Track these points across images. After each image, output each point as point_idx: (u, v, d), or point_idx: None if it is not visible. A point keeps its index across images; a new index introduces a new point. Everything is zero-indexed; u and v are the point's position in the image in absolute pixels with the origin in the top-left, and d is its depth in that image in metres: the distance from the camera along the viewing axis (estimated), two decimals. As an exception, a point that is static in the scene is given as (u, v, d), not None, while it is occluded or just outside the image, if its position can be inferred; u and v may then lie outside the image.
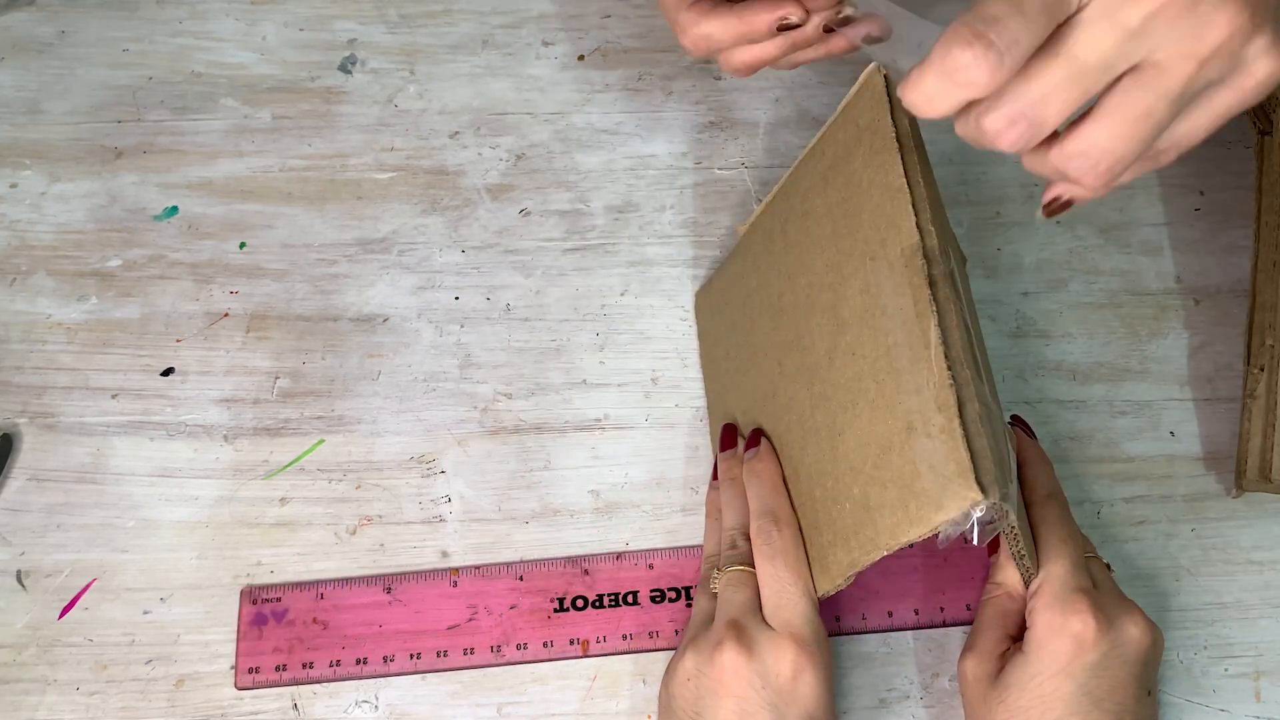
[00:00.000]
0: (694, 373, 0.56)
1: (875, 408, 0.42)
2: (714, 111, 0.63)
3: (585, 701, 0.50)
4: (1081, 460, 0.55)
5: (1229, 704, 0.50)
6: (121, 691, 0.50)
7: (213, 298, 0.58)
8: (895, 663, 0.51)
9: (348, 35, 0.64)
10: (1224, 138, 0.62)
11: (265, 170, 0.61)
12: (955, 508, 0.38)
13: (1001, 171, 0.61)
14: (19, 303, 0.57)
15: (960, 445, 0.38)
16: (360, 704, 0.50)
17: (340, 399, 0.55)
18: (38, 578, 0.52)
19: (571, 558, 0.52)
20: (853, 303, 0.44)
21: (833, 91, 0.63)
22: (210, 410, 0.55)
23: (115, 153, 0.61)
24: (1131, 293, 0.59)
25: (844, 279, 0.45)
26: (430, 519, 0.53)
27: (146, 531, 0.53)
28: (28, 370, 0.56)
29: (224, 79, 0.63)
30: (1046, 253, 0.59)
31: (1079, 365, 0.57)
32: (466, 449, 0.55)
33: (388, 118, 0.62)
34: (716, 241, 0.59)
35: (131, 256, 0.58)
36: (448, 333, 0.57)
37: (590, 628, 0.51)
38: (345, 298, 0.58)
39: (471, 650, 0.50)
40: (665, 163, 0.61)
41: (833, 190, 0.47)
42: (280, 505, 0.53)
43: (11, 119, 0.61)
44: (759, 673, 0.43)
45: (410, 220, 0.60)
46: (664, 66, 0.64)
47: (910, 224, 0.42)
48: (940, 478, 0.38)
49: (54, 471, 0.54)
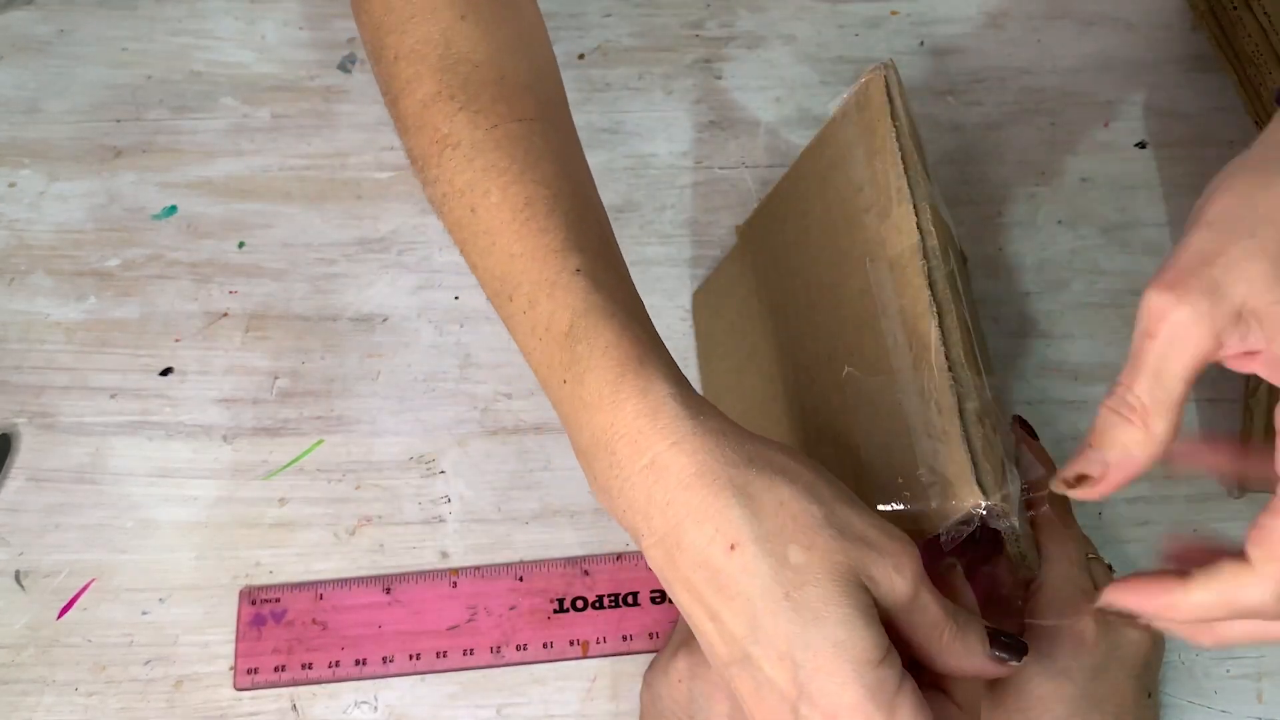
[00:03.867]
0: (693, 373, 0.56)
1: (875, 409, 0.42)
2: (714, 111, 0.63)
3: (585, 702, 0.50)
4: (1083, 461, 0.55)
5: (1230, 705, 0.50)
6: (120, 692, 0.49)
7: (212, 297, 0.57)
8: (895, 664, 0.51)
9: (347, 34, 0.64)
10: (1226, 137, 0.62)
11: (264, 169, 0.61)
12: (956, 509, 0.38)
13: (1002, 171, 0.61)
14: (17, 302, 0.57)
15: (961, 446, 0.38)
16: (359, 705, 0.50)
17: (340, 399, 0.55)
18: (36, 578, 0.51)
19: (571, 558, 0.52)
20: (853, 303, 0.44)
21: (833, 91, 0.63)
22: (209, 410, 0.55)
23: (114, 152, 0.61)
24: (1134, 293, 0.58)
25: (844, 279, 0.45)
26: (430, 519, 0.53)
27: (145, 532, 0.52)
28: (26, 370, 0.56)
29: (223, 78, 0.63)
30: (1048, 253, 0.59)
31: (1081, 366, 0.57)
32: (466, 449, 0.55)
33: (387, 116, 0.62)
34: (716, 241, 0.59)
35: (130, 256, 0.58)
36: (448, 332, 0.57)
37: (590, 629, 0.51)
38: (345, 297, 0.58)
39: (471, 651, 0.50)
40: (665, 162, 0.61)
41: (832, 190, 0.47)
42: (279, 505, 0.53)
43: (10, 118, 0.61)
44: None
45: (410, 220, 0.60)
46: (664, 66, 0.64)
47: (910, 224, 0.42)
48: (941, 479, 0.38)
49: (52, 471, 0.54)
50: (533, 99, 0.43)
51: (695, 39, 0.65)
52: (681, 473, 0.35)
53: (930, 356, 0.40)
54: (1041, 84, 0.64)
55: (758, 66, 0.64)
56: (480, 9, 0.44)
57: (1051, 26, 0.66)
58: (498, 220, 0.40)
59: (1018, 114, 0.63)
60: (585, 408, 0.37)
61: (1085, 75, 0.64)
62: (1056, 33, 0.65)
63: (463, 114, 0.42)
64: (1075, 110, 0.63)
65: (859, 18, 0.66)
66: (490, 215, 0.40)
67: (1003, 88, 0.64)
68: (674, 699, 0.45)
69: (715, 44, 0.65)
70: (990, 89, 0.64)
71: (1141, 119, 0.63)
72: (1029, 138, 0.62)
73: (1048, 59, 0.65)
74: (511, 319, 0.41)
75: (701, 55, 0.64)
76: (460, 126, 0.42)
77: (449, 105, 0.42)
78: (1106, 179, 0.61)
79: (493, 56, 0.43)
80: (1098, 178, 0.61)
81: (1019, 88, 0.64)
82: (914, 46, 0.65)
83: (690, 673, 0.44)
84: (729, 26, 0.65)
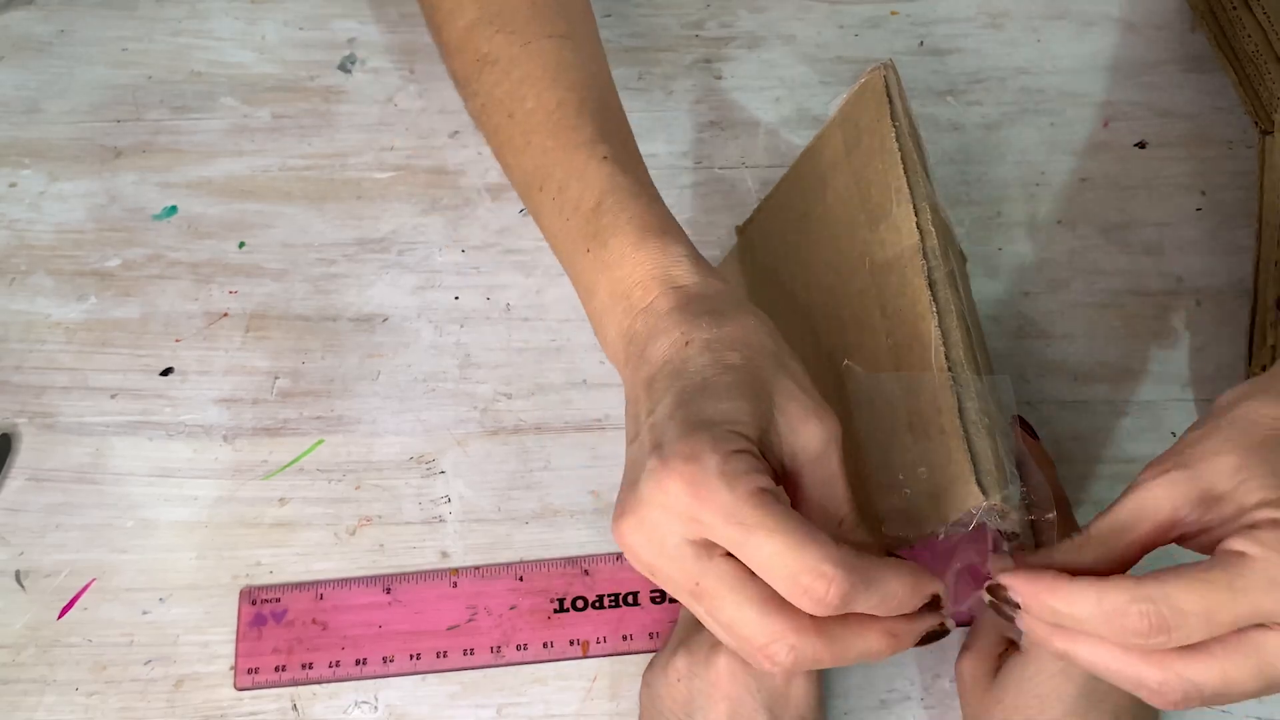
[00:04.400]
0: (694, 373, 0.56)
1: (875, 408, 0.42)
2: (714, 111, 0.63)
3: (585, 702, 0.50)
4: (1083, 461, 0.55)
5: (1230, 705, 0.50)
6: (120, 692, 0.49)
7: (212, 297, 0.57)
8: (896, 663, 0.51)
9: (347, 34, 0.64)
10: (1226, 137, 0.62)
11: (265, 169, 0.61)
12: (956, 509, 0.38)
13: (1002, 171, 0.61)
14: (18, 302, 0.57)
15: (961, 446, 0.38)
16: (360, 705, 0.50)
17: (340, 399, 0.55)
18: (36, 578, 0.51)
19: (571, 558, 0.52)
20: (852, 303, 0.44)
21: (833, 91, 0.63)
22: (209, 410, 0.55)
23: (114, 152, 0.61)
24: (1133, 293, 0.59)
25: (843, 279, 0.45)
26: (430, 519, 0.53)
27: (145, 532, 0.52)
28: (27, 370, 0.56)
29: (223, 78, 0.63)
30: (1048, 253, 0.59)
31: (1080, 366, 0.57)
32: (466, 449, 0.55)
33: (387, 117, 0.62)
34: (716, 241, 0.59)
35: (131, 256, 0.58)
36: (447, 333, 0.57)
37: (590, 628, 0.51)
38: (345, 297, 0.58)
39: (471, 651, 0.50)
40: (665, 162, 0.61)
41: (832, 190, 0.47)
42: (279, 505, 0.53)
43: (10, 118, 0.61)
44: (754, 675, 0.43)
45: (410, 220, 0.60)
46: (664, 66, 0.64)
47: (910, 224, 0.42)
48: (941, 479, 0.38)
49: (53, 471, 0.54)
50: (563, 19, 0.48)
51: (695, 39, 0.65)
52: (679, 298, 0.39)
53: (930, 356, 0.40)
54: (1041, 84, 0.64)
55: (758, 66, 0.64)
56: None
57: (1051, 26, 0.66)
58: (533, 122, 0.45)
59: (1017, 114, 0.63)
60: (606, 268, 0.42)
61: (1085, 75, 0.64)
62: (1056, 33, 0.65)
63: (500, 35, 0.47)
64: (1075, 110, 0.63)
65: (859, 18, 0.66)
66: (526, 118, 0.45)
67: (1002, 88, 0.64)
68: (673, 698, 0.45)
69: (715, 44, 0.65)
70: (990, 89, 0.64)
71: (1141, 119, 0.63)
72: (1029, 138, 0.62)
73: (1047, 59, 0.65)
74: (541, 208, 0.45)
75: (701, 55, 0.64)
76: (498, 46, 0.47)
77: (488, 29, 0.48)
78: (1106, 179, 0.61)
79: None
80: (1097, 178, 0.61)
81: (1019, 88, 0.64)
82: (914, 46, 0.65)
83: (689, 672, 0.44)
84: (729, 26, 0.65)
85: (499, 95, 0.47)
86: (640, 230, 0.41)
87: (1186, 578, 0.33)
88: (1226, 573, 0.33)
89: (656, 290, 0.40)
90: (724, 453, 0.34)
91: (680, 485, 0.34)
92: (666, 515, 0.34)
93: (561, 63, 0.46)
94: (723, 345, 0.38)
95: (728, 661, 0.43)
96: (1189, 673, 0.33)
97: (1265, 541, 0.33)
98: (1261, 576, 0.32)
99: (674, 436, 0.35)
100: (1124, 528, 0.36)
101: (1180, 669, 0.33)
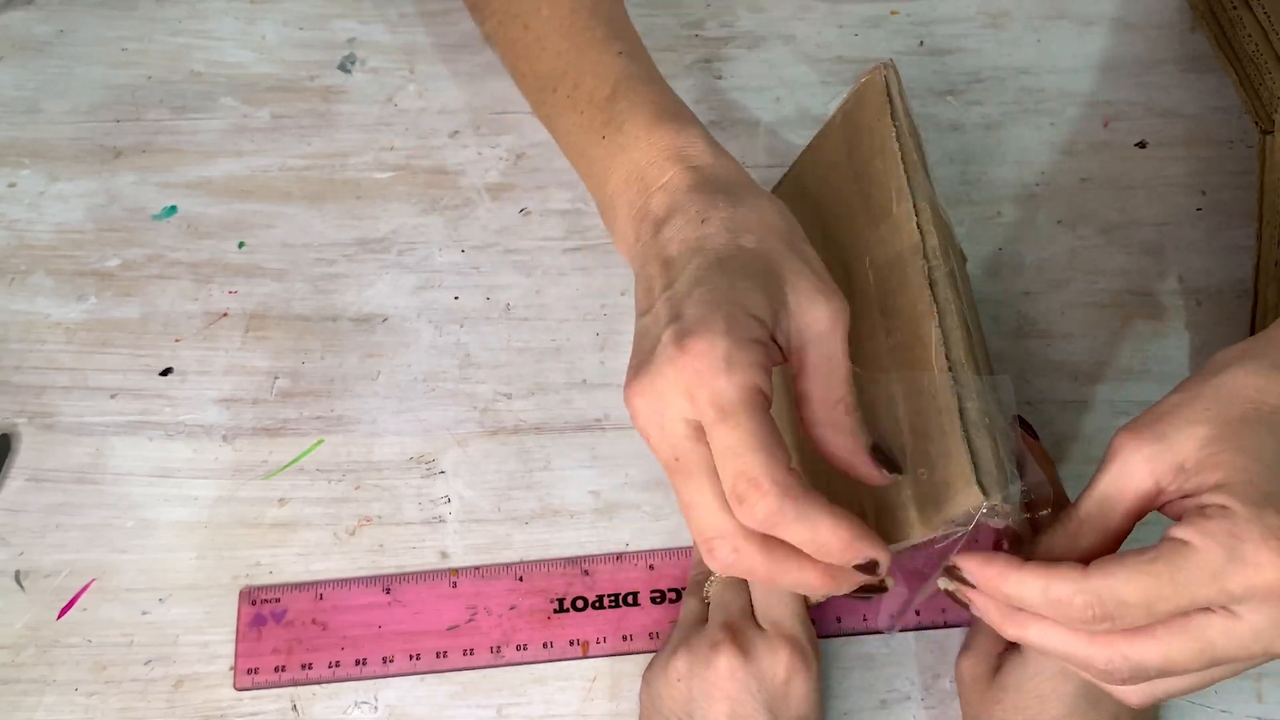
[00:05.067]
0: (694, 373, 0.56)
1: (875, 408, 0.42)
2: (714, 111, 0.63)
3: (585, 702, 0.50)
4: (1084, 461, 0.55)
5: (1230, 705, 0.50)
6: (120, 692, 0.49)
7: (212, 297, 0.57)
8: (896, 664, 0.51)
9: (347, 34, 0.64)
10: (1226, 137, 0.62)
11: (264, 170, 0.61)
12: (957, 509, 0.38)
13: (1002, 171, 0.61)
14: (18, 302, 0.57)
15: (961, 446, 0.38)
16: (359, 705, 0.50)
17: (340, 399, 0.55)
18: (36, 578, 0.51)
19: (571, 558, 0.52)
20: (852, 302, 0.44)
21: (833, 91, 0.63)
22: (209, 410, 0.55)
23: (114, 152, 0.61)
24: (1133, 293, 0.59)
25: (843, 279, 0.45)
26: (430, 519, 0.53)
27: (145, 532, 0.52)
28: (26, 370, 0.56)
29: (223, 78, 0.63)
30: (1047, 253, 0.59)
31: (1080, 365, 0.57)
32: (466, 449, 0.55)
33: (387, 117, 0.62)
34: (717, 241, 0.59)
35: (130, 256, 0.58)
36: (447, 332, 0.57)
37: (590, 628, 0.51)
38: (344, 297, 0.58)
39: (471, 651, 0.50)
40: (665, 162, 0.61)
41: (832, 190, 0.47)
42: (279, 505, 0.53)
43: (10, 118, 0.61)
44: (754, 675, 0.43)
45: (410, 220, 0.60)
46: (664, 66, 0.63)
47: (910, 224, 0.42)
48: (941, 478, 0.38)
49: (53, 471, 0.54)
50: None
51: (695, 39, 0.65)
52: (696, 178, 0.41)
53: (930, 356, 0.40)
54: (1041, 84, 0.64)
55: (758, 66, 0.64)
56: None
57: (1051, 26, 0.66)
58: (548, 28, 0.47)
59: (1017, 114, 0.63)
60: (620, 150, 0.43)
61: (1085, 75, 0.64)
62: (1056, 33, 0.65)
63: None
64: (1075, 110, 0.63)
65: (859, 18, 0.66)
66: (541, 26, 0.48)
67: (1002, 88, 0.64)
68: (673, 698, 0.45)
69: (715, 44, 0.65)
70: (990, 89, 0.64)
71: (1141, 119, 0.63)
72: (1029, 138, 0.62)
73: (1047, 59, 0.65)
74: (556, 109, 0.47)
75: (701, 55, 0.64)
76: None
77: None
78: (1106, 179, 0.61)
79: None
80: (1097, 178, 0.61)
81: (1019, 88, 0.64)
82: (914, 46, 0.65)
83: (689, 672, 0.44)
84: (729, 26, 0.65)
85: (514, 10, 0.49)
86: (655, 113, 0.43)
87: (1130, 568, 0.33)
88: (1169, 565, 0.33)
89: (672, 169, 0.41)
90: (736, 339, 0.35)
91: (688, 360, 0.35)
92: (671, 388, 0.36)
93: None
94: (739, 226, 0.39)
95: (728, 661, 0.43)
96: (1133, 653, 0.34)
97: (1209, 531, 0.33)
98: (1203, 570, 0.32)
99: (692, 312, 0.36)
100: (1110, 503, 0.36)
101: (1125, 650, 0.34)
